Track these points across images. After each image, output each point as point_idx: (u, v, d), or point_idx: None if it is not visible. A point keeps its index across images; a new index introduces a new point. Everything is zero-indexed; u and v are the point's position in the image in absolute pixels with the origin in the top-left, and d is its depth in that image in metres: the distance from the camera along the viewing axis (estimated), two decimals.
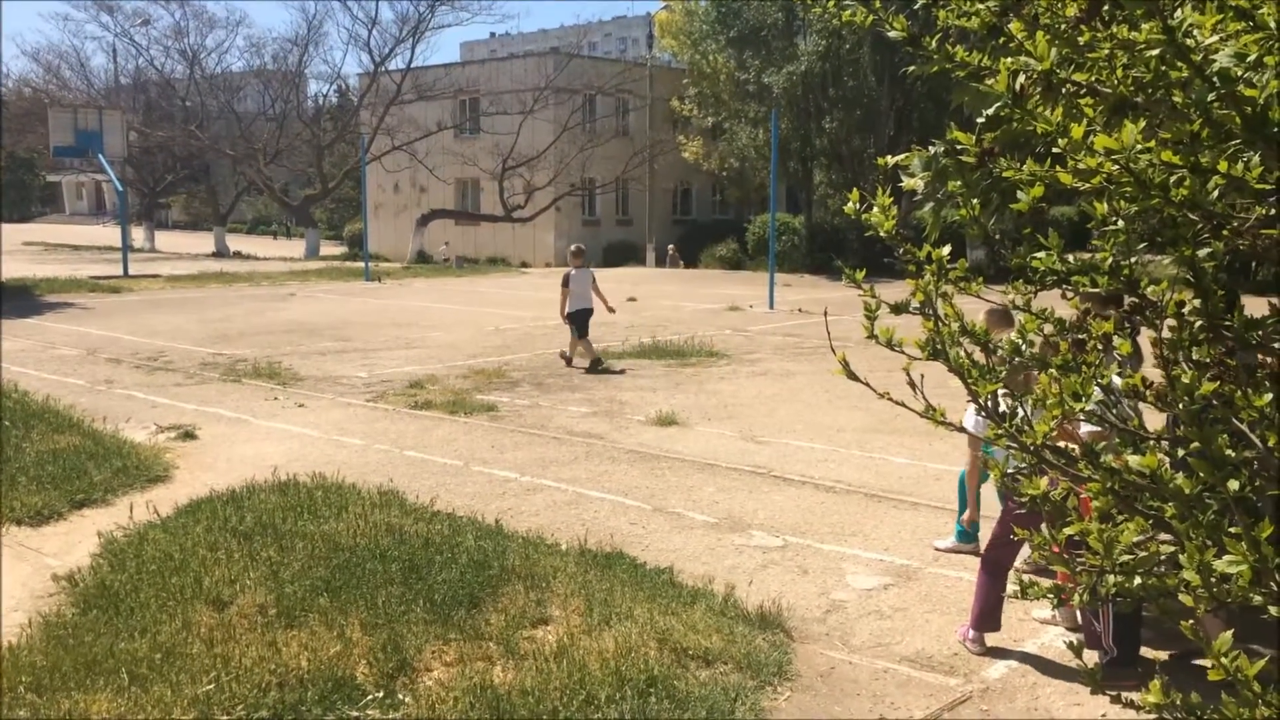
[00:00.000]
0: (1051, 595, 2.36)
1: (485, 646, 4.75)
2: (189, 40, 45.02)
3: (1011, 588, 2.46)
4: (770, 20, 31.64)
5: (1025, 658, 4.97)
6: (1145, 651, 4.82)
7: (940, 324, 2.31)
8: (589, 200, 40.34)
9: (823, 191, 36.46)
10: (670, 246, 37.08)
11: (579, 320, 13.57)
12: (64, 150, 32.94)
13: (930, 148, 3.42)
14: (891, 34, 3.20)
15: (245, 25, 79.27)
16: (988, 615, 5.01)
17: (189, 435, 9.24)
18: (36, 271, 28.12)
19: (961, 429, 2.48)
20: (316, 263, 36.71)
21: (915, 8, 3.31)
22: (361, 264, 31.53)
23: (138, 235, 45.43)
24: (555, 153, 37.09)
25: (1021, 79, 2.30)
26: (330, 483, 7.31)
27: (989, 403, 2.22)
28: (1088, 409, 2.06)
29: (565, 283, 13.81)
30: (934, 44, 2.91)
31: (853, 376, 2.36)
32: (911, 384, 2.31)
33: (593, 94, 39.28)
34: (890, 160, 3.55)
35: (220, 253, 42.12)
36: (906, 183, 3.42)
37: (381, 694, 4.33)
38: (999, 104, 2.41)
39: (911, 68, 3.42)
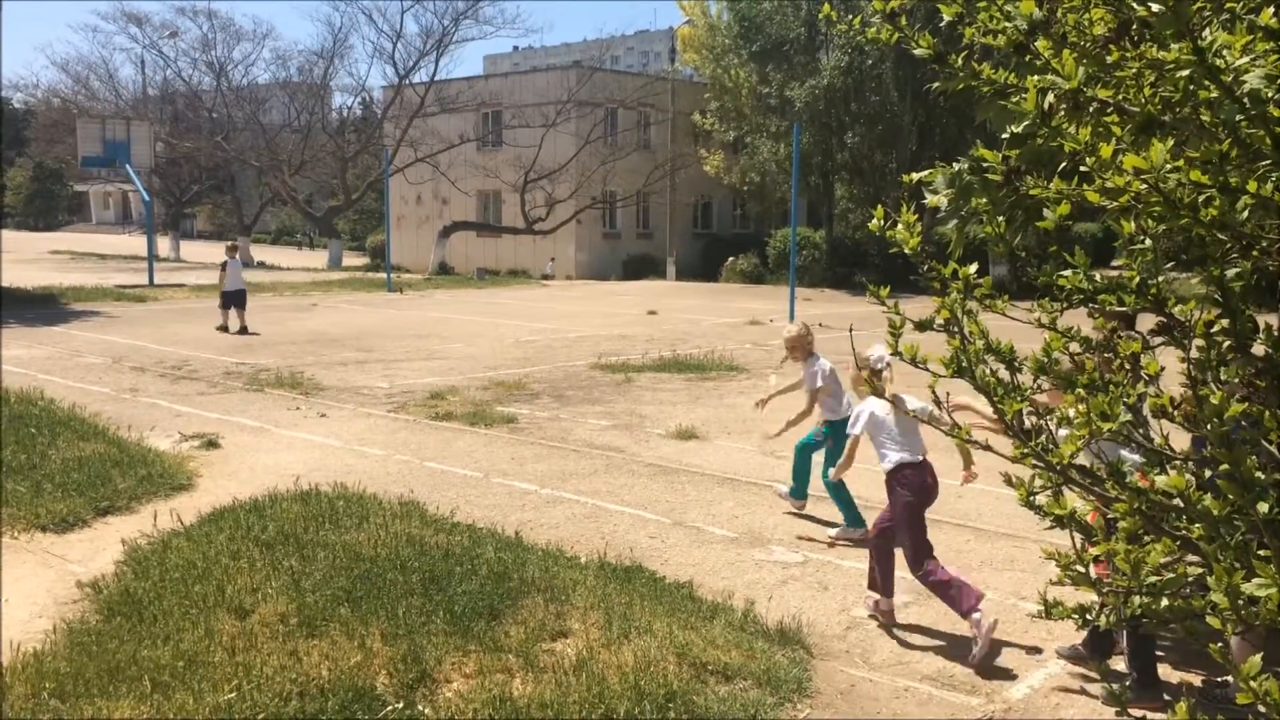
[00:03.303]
0: (1077, 615, 2.35)
1: (505, 659, 4.75)
2: (216, 52, 45.64)
3: (1034, 607, 2.45)
4: (793, 35, 31.72)
5: (1049, 678, 4.93)
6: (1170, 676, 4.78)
7: (965, 342, 2.31)
8: (610, 213, 40.46)
9: (844, 206, 36.43)
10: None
11: (235, 298, 18.38)
12: (92, 160, 33.31)
13: (954, 164, 3.42)
14: (918, 51, 3.21)
15: (272, 38, 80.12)
16: (888, 584, 5.53)
17: (212, 444, 9.30)
18: (63, 280, 28.39)
19: (986, 446, 2.47)
20: (339, 273, 36.97)
21: (941, 24, 3.31)
22: (383, 275, 31.71)
23: (163, 245, 45.87)
24: (577, 166, 37.24)
25: (1050, 97, 2.31)
26: (352, 493, 7.35)
27: (1014, 421, 2.21)
28: (1114, 428, 2.05)
29: (223, 268, 18.77)
30: (960, 61, 2.92)
31: (879, 394, 2.36)
32: (937, 401, 2.31)
33: (614, 107, 39.42)
34: (914, 177, 3.55)
35: (244, 263, 42.44)
36: (930, 199, 3.42)
37: (401, 705, 4.33)
38: (1026, 121, 2.41)
39: (935, 84, 3.41)
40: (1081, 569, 2.06)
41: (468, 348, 16.69)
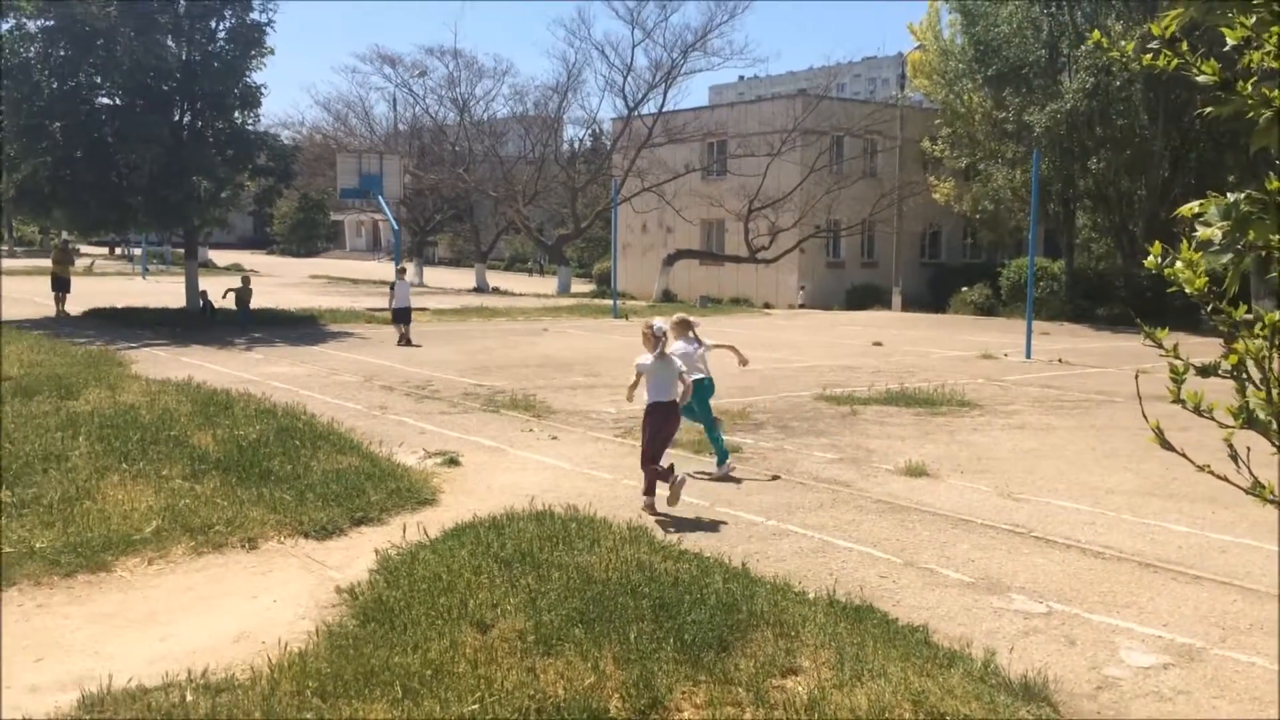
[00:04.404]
0: None
1: (735, 692, 4.73)
2: (460, 89, 48.27)
3: None
4: (1032, 58, 30.44)
5: None
6: None
7: (1271, 391, 2.13)
8: (834, 242, 40.03)
9: (1086, 235, 34.55)
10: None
11: (402, 315, 20.92)
12: (349, 192, 35.89)
13: (1229, 194, 3.19)
14: (1201, 78, 3.03)
15: (511, 75, 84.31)
16: (651, 486, 8.28)
17: (453, 462, 9.79)
18: (321, 303, 30.75)
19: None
20: (567, 299, 38.23)
21: (1225, 49, 3.10)
22: (609, 301, 32.53)
23: (408, 270, 48.87)
24: (801, 194, 37.08)
25: None
26: (583, 515, 7.54)
27: None
28: None
29: (391, 289, 21.49)
30: (1249, 87, 2.73)
31: (1168, 446, 2.21)
32: (1234, 455, 2.14)
33: (841, 135, 39.04)
34: (1192, 208, 3.32)
35: (480, 288, 44.62)
36: (1202, 232, 3.20)
37: None
38: None
39: (1208, 109, 3.20)
40: None
41: None
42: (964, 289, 35.19)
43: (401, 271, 22.57)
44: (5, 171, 23.83)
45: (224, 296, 24.74)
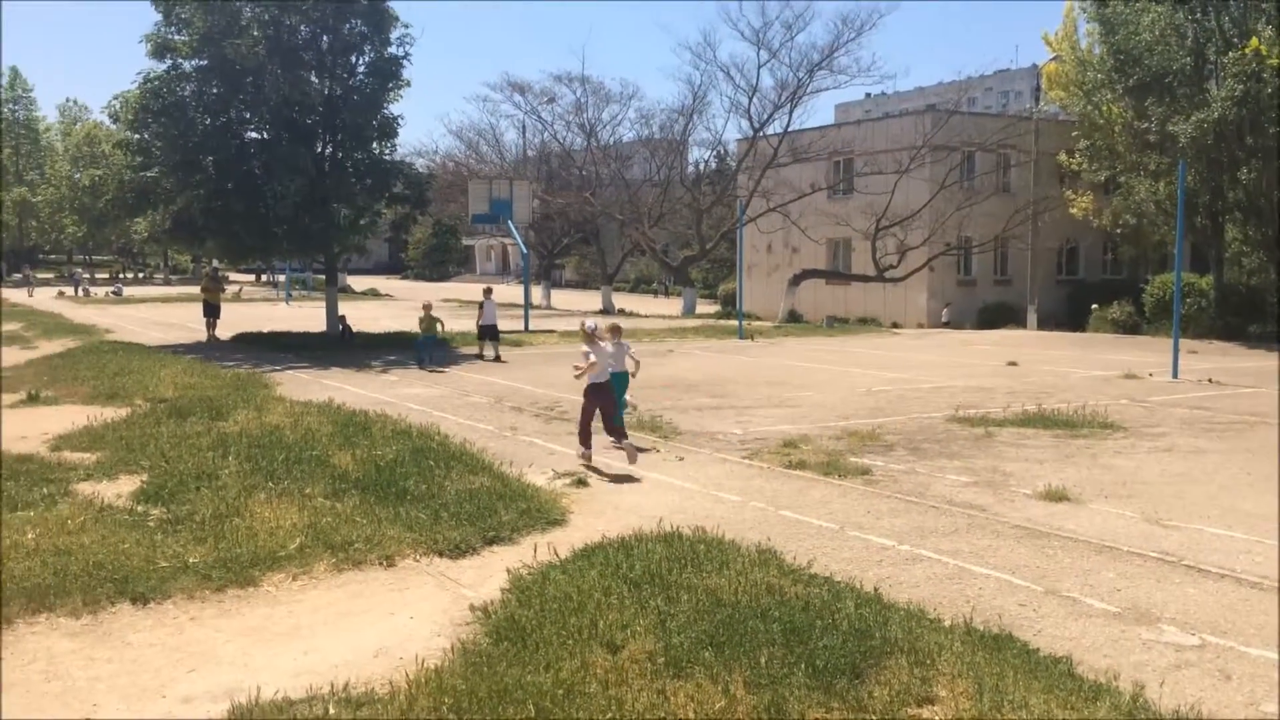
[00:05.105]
0: None
1: None
2: (587, 115, 48.93)
3: None
4: (1176, 66, 29.15)
5: None
6: None
7: None
8: (965, 260, 39.07)
9: (1236, 249, 32.82)
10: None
11: (489, 332, 22.78)
12: (481, 217, 36.79)
13: None
14: None
15: (637, 99, 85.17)
16: (585, 440, 10.96)
17: (581, 483, 9.89)
18: (453, 326, 31.47)
19: None
20: (693, 320, 38.29)
21: None
22: (734, 322, 32.44)
23: (536, 293, 49.73)
24: (930, 211, 36.36)
25: None
26: (711, 537, 7.52)
27: None
28: None
29: (480, 308, 23.11)
30: None
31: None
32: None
33: (972, 150, 38.11)
34: None
35: (606, 310, 45.05)
36: None
37: None
38: None
39: None
40: None
41: (819, 396, 16.66)
42: (1101, 306, 33.87)
43: (488, 291, 23.87)
44: (162, 204, 25.31)
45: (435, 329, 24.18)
